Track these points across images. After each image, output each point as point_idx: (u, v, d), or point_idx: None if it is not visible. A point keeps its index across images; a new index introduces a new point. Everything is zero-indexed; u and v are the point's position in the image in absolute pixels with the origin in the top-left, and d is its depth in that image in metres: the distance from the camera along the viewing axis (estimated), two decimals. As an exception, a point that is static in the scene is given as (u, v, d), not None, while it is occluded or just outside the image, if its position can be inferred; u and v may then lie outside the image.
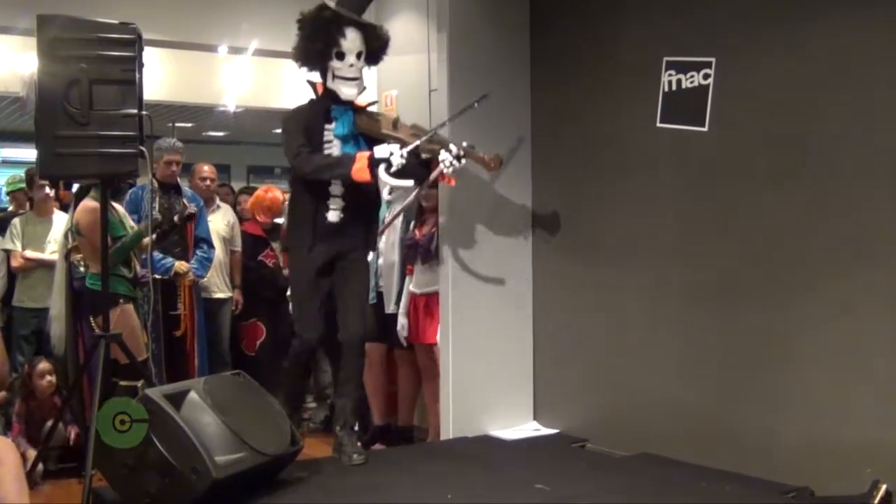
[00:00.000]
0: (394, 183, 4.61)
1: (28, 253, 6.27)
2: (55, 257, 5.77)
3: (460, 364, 5.34)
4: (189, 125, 14.72)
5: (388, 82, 6.29)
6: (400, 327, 5.54)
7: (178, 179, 6.26)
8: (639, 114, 4.98)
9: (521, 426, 5.54)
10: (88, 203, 5.28)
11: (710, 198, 4.68)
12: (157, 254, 5.75)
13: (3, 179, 7.46)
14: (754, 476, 4.29)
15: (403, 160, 4.51)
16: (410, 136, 4.69)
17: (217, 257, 6.39)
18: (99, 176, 4.78)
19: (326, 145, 4.72)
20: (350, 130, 4.75)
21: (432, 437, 5.47)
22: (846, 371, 4.10)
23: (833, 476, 4.06)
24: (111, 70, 4.56)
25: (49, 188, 6.41)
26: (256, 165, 18.21)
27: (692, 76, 4.71)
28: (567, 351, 5.48)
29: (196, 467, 3.77)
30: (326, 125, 4.74)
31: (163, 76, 9.16)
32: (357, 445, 4.83)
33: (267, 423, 4.29)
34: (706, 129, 4.66)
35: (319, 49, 4.68)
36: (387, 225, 5.36)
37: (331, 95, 4.75)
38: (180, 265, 5.95)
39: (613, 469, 4.67)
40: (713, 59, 4.63)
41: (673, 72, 4.80)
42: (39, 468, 5.07)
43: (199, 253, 6.14)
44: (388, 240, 5.64)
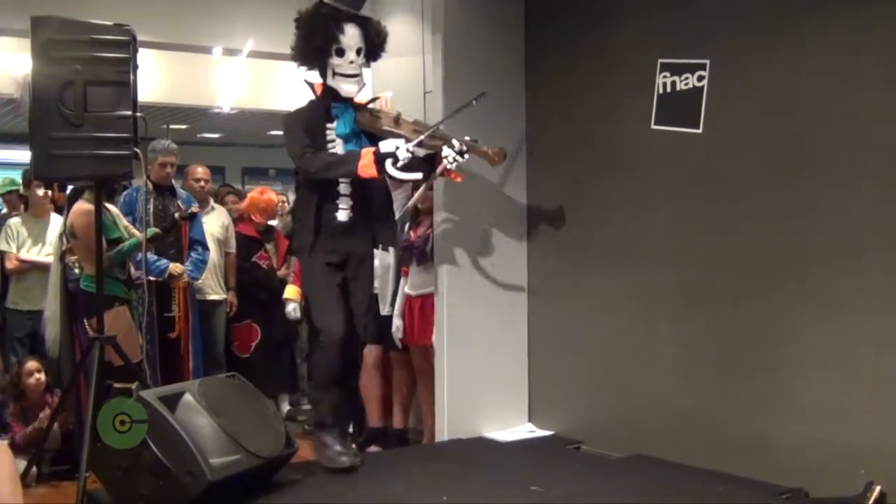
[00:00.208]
0: (401, 177, 4.52)
1: (23, 255, 6.26)
2: (50, 259, 5.76)
3: (455, 366, 5.34)
4: (183, 127, 14.71)
5: (383, 84, 6.29)
6: (395, 329, 5.54)
7: (173, 181, 6.25)
8: (634, 115, 4.98)
9: (516, 428, 5.54)
10: (82, 205, 5.28)
11: (705, 199, 4.69)
12: (152, 256, 5.75)
13: (-3, 181, 7.43)
14: (749, 477, 4.29)
15: (410, 154, 4.44)
16: (413, 133, 4.63)
17: (211, 259, 6.39)
18: (93, 178, 4.78)
19: (329, 145, 4.64)
20: (352, 128, 4.68)
21: (427, 439, 5.48)
22: (840, 372, 4.11)
23: (827, 477, 4.06)
24: (105, 72, 4.57)
25: (44, 189, 6.40)
26: (251, 167, 18.21)
27: (686, 78, 4.71)
28: (562, 352, 5.48)
29: (191, 469, 3.77)
30: (328, 124, 4.67)
31: (157, 78, 9.16)
32: (352, 448, 4.77)
33: (262, 426, 4.29)
34: (701, 131, 4.67)
35: (318, 46, 4.59)
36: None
37: (331, 94, 4.68)
38: (175, 267, 5.94)
39: (608, 471, 4.67)
40: (707, 61, 4.63)
41: (667, 73, 4.80)
42: (33, 471, 5.07)
43: (194, 255, 6.14)
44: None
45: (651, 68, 4.87)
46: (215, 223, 6.68)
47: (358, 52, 4.64)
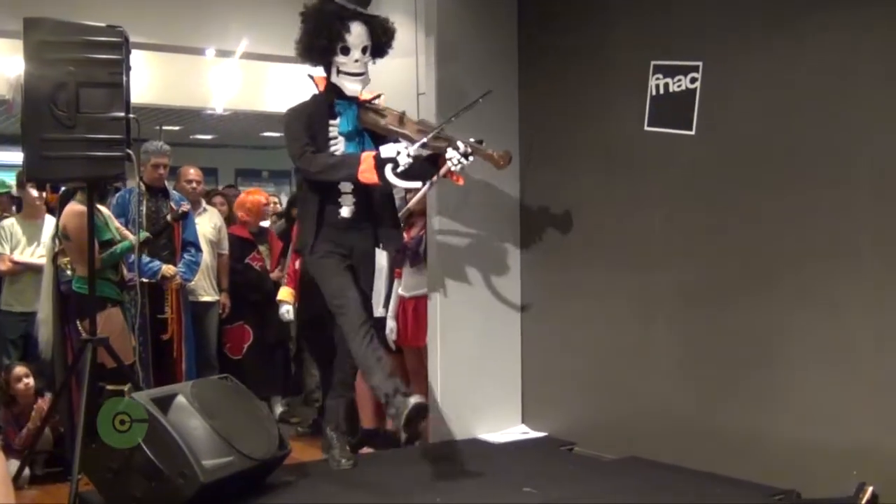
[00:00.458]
0: (401, 184, 4.43)
1: (16, 256, 6.25)
2: (43, 261, 5.75)
3: (448, 367, 5.35)
4: (176, 128, 14.71)
5: (376, 85, 6.26)
6: (388, 331, 5.54)
7: (166, 183, 6.25)
8: (627, 117, 4.99)
9: (510, 429, 5.55)
10: (74, 206, 5.26)
11: (698, 201, 4.70)
12: (145, 257, 5.74)
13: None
14: (742, 478, 4.31)
15: (411, 159, 4.33)
16: (417, 133, 4.55)
17: (204, 260, 6.38)
18: (86, 179, 4.77)
19: (331, 142, 4.60)
20: (354, 126, 4.63)
21: (421, 441, 5.47)
22: (833, 374, 4.12)
23: (820, 478, 4.07)
24: (98, 73, 4.57)
25: (36, 190, 6.38)
26: (244, 168, 18.22)
27: (679, 80, 4.73)
28: (555, 354, 5.49)
29: (183, 471, 3.77)
30: (331, 121, 4.61)
31: (150, 79, 9.14)
32: (346, 449, 4.82)
33: (255, 427, 4.30)
34: (693, 133, 4.68)
35: (323, 44, 4.53)
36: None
37: (334, 90, 4.63)
38: (168, 269, 5.94)
39: (601, 472, 4.69)
40: (700, 63, 4.65)
41: (660, 76, 4.82)
42: (26, 473, 5.06)
43: (187, 256, 6.13)
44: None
45: (644, 71, 4.88)
46: (208, 224, 6.68)
47: (363, 51, 4.59)
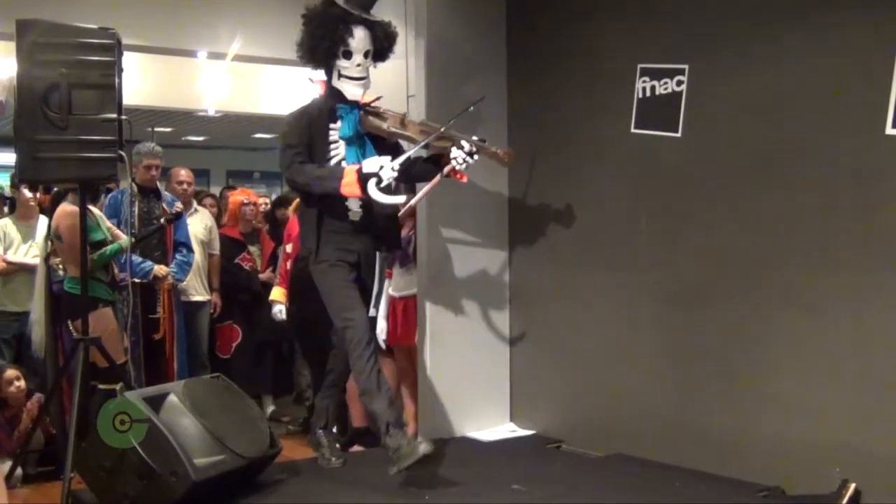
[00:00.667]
0: (383, 200, 4.30)
1: (9, 256, 6.27)
2: (37, 261, 5.76)
3: (437, 366, 5.38)
4: (168, 130, 14.69)
5: (366, 88, 6.32)
6: (379, 330, 5.56)
7: (158, 184, 6.27)
8: (614, 119, 5.02)
9: (498, 427, 5.58)
10: (67, 207, 5.28)
11: (683, 202, 4.73)
12: (137, 257, 5.77)
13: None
14: (727, 476, 4.35)
15: (395, 173, 4.27)
16: (419, 134, 4.54)
17: (195, 260, 6.41)
18: (78, 180, 4.78)
19: (332, 146, 4.56)
20: (356, 130, 4.57)
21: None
22: (815, 373, 4.16)
23: (803, 475, 4.12)
24: (90, 75, 4.57)
25: (30, 191, 6.40)
26: (235, 170, 18.20)
27: (666, 83, 4.77)
28: (543, 353, 5.52)
29: (175, 470, 3.80)
30: (331, 125, 4.57)
31: (142, 81, 9.15)
32: (336, 448, 4.86)
33: (246, 426, 4.33)
34: (679, 135, 4.72)
35: (326, 48, 4.49)
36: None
37: (335, 94, 4.60)
38: (160, 269, 5.95)
39: (588, 469, 4.72)
40: (686, 66, 4.68)
41: (647, 78, 4.85)
42: (18, 472, 5.08)
43: (179, 257, 6.15)
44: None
45: (631, 73, 4.92)
46: (199, 225, 6.70)
47: (366, 55, 4.56)
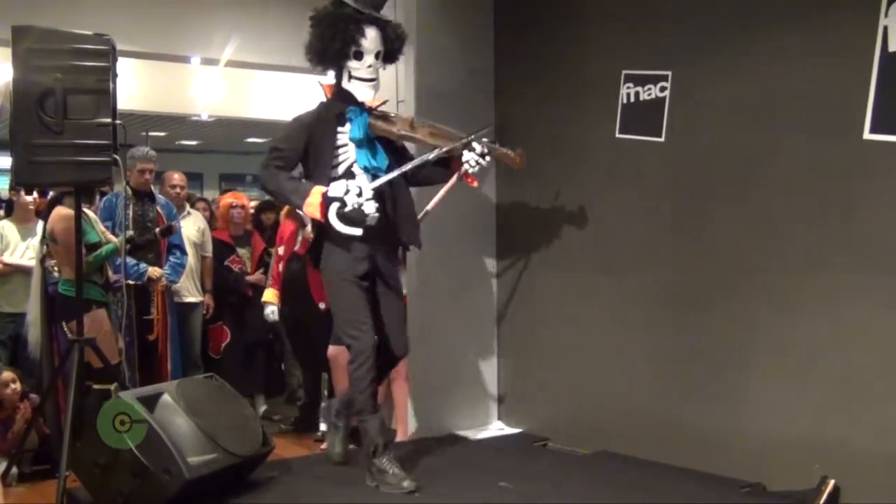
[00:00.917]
0: (339, 228, 4.19)
1: (6, 258, 6.31)
2: (33, 263, 5.81)
3: (426, 365, 5.44)
4: (162, 134, 14.74)
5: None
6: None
7: (152, 187, 6.33)
8: (599, 124, 5.08)
9: (486, 426, 5.64)
10: (62, 210, 5.33)
11: (668, 206, 4.79)
12: (131, 259, 5.81)
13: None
14: (710, 472, 4.40)
15: (364, 199, 4.17)
16: (429, 136, 4.47)
17: (188, 262, 6.47)
18: (73, 184, 4.81)
19: (341, 150, 4.40)
20: (366, 133, 4.42)
21: (399, 437, 5.54)
22: (797, 373, 4.22)
23: (784, 472, 4.18)
24: (85, 80, 4.61)
25: (27, 194, 6.44)
26: (228, 173, 18.24)
27: (649, 89, 4.83)
28: (530, 353, 5.57)
29: (169, 468, 3.83)
30: (339, 129, 4.42)
31: (136, 86, 9.20)
32: (401, 471, 4.30)
33: (239, 425, 4.35)
34: (663, 140, 4.78)
35: (337, 48, 4.35)
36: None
37: (344, 97, 4.46)
38: (154, 271, 5.99)
39: (575, 467, 4.75)
40: (669, 73, 4.75)
41: (631, 84, 4.92)
42: (14, 471, 5.13)
43: (173, 259, 6.20)
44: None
45: (616, 79, 4.97)
46: (192, 227, 6.75)
47: (377, 56, 4.43)
